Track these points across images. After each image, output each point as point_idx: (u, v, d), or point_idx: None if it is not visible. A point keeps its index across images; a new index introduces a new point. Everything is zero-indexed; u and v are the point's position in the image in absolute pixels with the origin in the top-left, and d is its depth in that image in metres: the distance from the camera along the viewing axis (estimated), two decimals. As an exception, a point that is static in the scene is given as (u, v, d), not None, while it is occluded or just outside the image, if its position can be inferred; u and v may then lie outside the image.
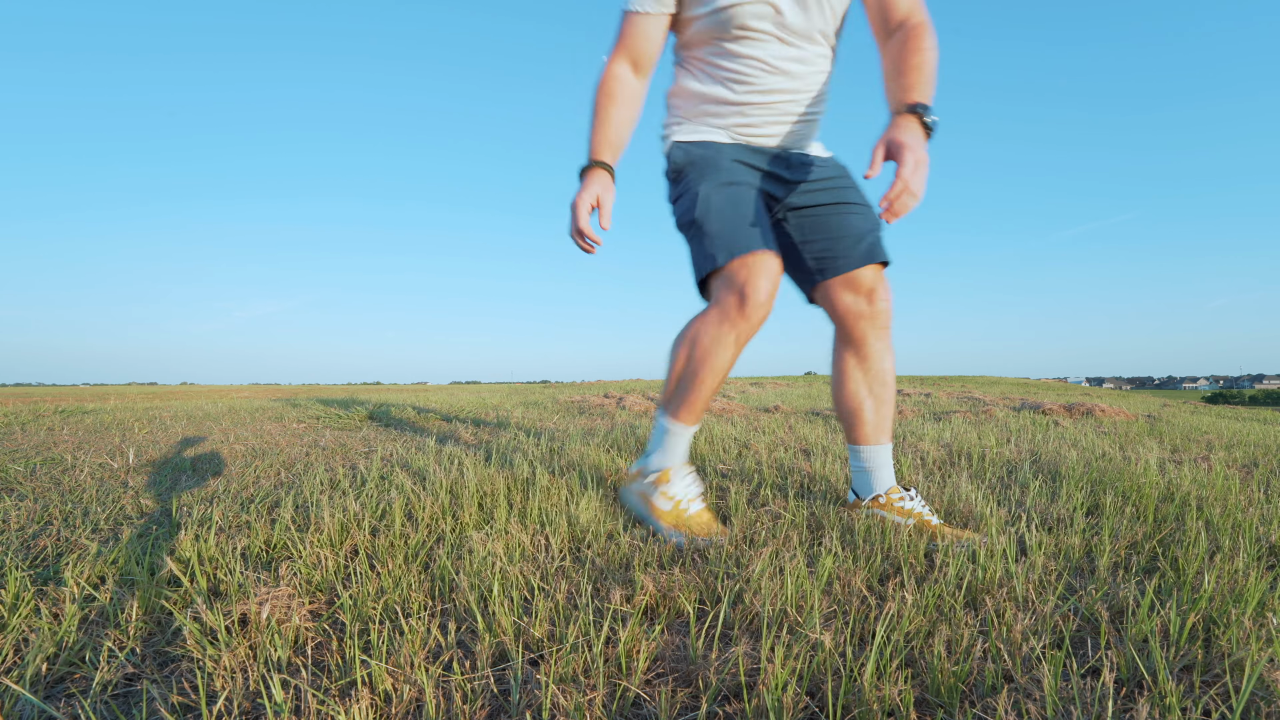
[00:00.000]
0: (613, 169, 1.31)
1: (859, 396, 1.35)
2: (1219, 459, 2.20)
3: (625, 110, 1.33)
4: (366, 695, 0.64)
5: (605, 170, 1.29)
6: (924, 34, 1.19)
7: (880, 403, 1.35)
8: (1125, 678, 0.68)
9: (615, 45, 1.35)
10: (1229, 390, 62.87)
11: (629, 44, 1.33)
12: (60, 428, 3.41)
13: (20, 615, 0.84)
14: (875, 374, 1.34)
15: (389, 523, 1.28)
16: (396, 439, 2.94)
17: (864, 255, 1.28)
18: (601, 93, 1.34)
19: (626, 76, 1.34)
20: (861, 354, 1.34)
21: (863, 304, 1.30)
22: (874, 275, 1.30)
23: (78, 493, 1.66)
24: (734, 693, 0.67)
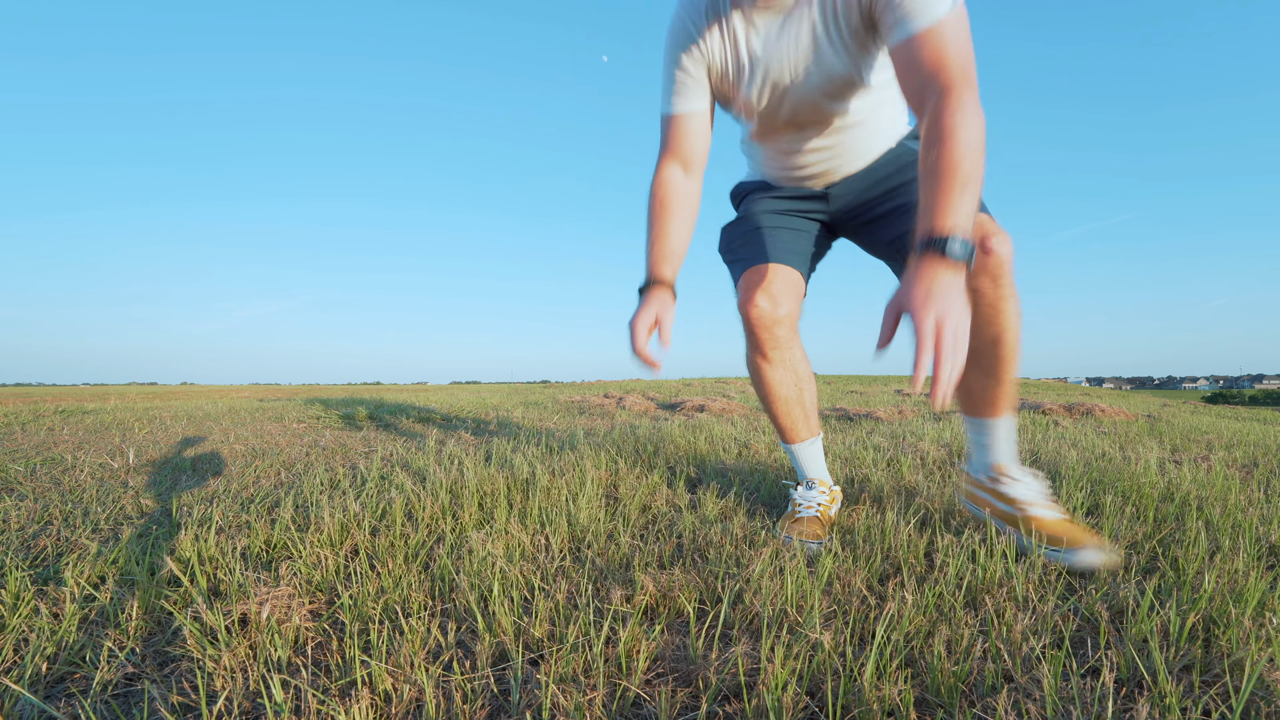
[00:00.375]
0: (673, 284, 1.21)
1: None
2: (1219, 459, 2.20)
3: (680, 217, 1.25)
4: (366, 695, 0.64)
5: (665, 288, 1.19)
6: (954, 111, 0.91)
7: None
8: (1125, 678, 0.68)
9: (661, 148, 1.29)
10: (1229, 390, 62.91)
11: (673, 145, 1.26)
12: (60, 428, 3.41)
13: (20, 615, 0.84)
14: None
15: (389, 523, 1.28)
16: (396, 439, 2.94)
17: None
18: (654, 202, 1.26)
19: (677, 179, 1.26)
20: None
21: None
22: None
23: (78, 492, 1.66)
24: (734, 693, 0.67)
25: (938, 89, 0.93)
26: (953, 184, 0.88)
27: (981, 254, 1.03)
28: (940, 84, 0.93)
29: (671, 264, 1.23)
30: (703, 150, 1.27)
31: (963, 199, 0.88)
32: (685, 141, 1.25)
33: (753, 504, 1.50)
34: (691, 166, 1.27)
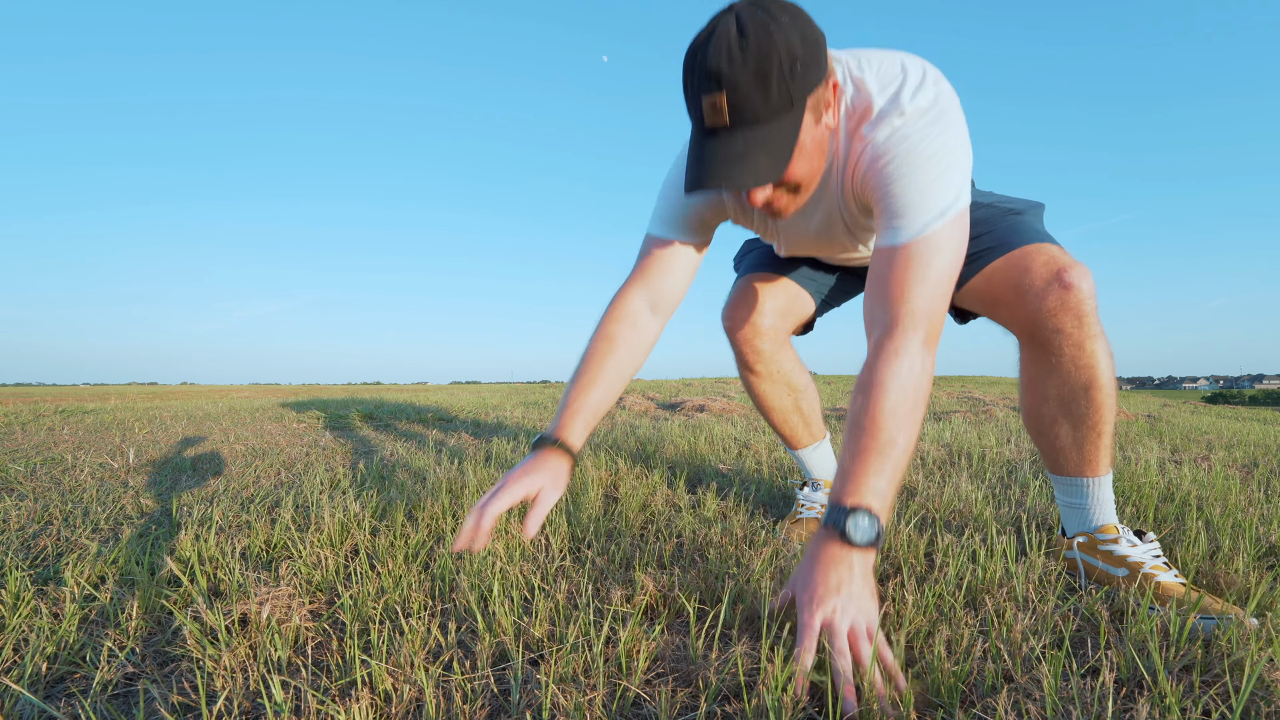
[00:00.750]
0: (575, 453, 0.93)
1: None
2: (1219, 459, 2.20)
3: (625, 363, 1.02)
4: (366, 695, 0.64)
5: (565, 456, 0.91)
6: (892, 358, 0.80)
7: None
8: (1125, 678, 0.68)
9: (634, 270, 1.08)
10: (1229, 390, 62.90)
11: (648, 272, 1.06)
12: (60, 428, 3.41)
13: (20, 615, 0.84)
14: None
15: (389, 523, 1.28)
16: (396, 439, 2.94)
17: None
18: (601, 334, 1.02)
19: (640, 314, 1.04)
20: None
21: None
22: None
23: (78, 492, 1.66)
24: (734, 693, 0.67)
25: (886, 321, 0.83)
26: (871, 447, 0.77)
27: (1060, 290, 0.92)
28: (890, 316, 0.83)
29: (588, 422, 0.97)
30: (679, 291, 1.08)
31: (881, 466, 0.76)
32: (664, 275, 1.06)
33: (753, 504, 1.50)
34: (660, 305, 1.06)
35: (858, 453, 0.78)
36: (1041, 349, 0.98)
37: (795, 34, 0.76)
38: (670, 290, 1.07)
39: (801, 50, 0.76)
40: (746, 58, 0.75)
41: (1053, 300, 0.93)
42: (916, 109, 0.84)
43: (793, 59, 0.76)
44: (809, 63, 0.78)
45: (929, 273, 0.82)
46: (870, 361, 0.83)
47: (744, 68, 0.75)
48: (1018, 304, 0.97)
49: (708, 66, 0.76)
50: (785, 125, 0.80)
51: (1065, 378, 0.97)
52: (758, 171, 0.80)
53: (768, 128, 0.79)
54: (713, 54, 0.76)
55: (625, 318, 1.03)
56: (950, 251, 0.84)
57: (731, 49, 0.75)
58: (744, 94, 0.76)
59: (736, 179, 0.79)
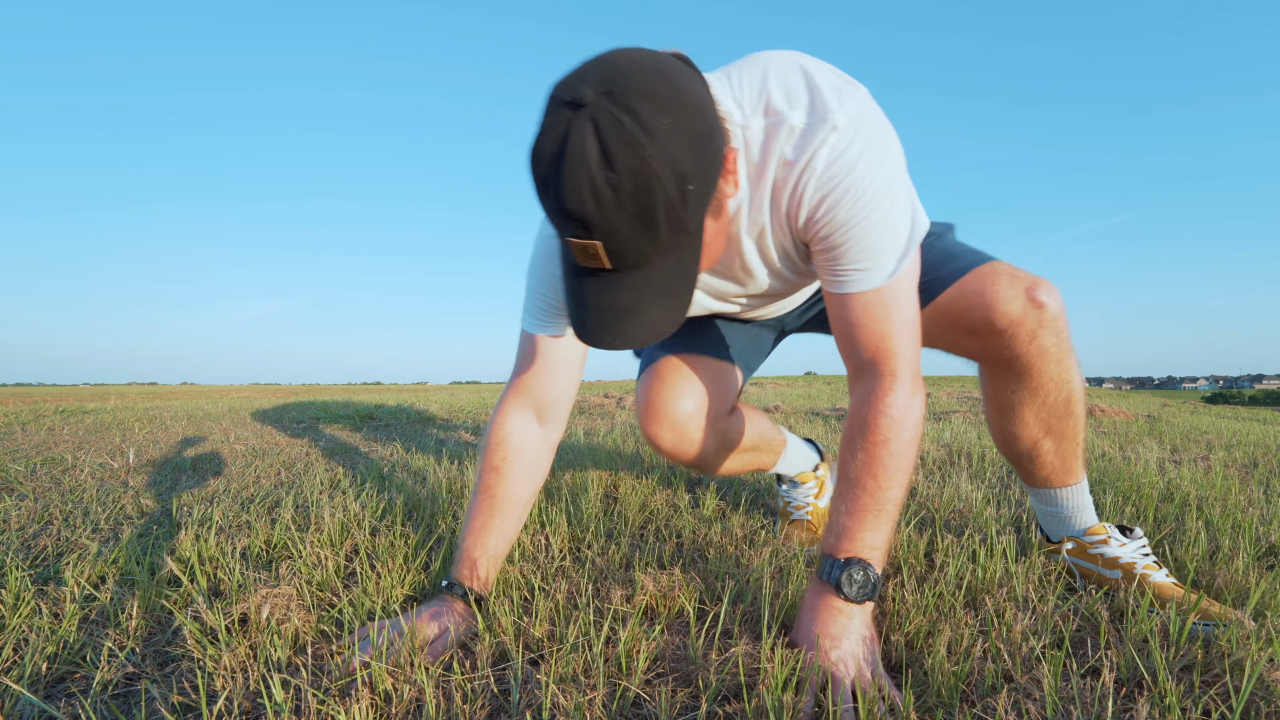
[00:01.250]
0: (476, 599, 0.85)
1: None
2: (1219, 459, 2.20)
3: (512, 493, 0.91)
4: (366, 695, 0.64)
5: (461, 602, 0.84)
6: (889, 410, 0.75)
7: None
8: (1125, 678, 0.68)
9: (511, 378, 0.95)
10: (1229, 390, 62.95)
11: (527, 380, 0.93)
12: (60, 428, 3.41)
13: (20, 615, 0.84)
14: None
15: (389, 522, 1.28)
16: (396, 439, 2.94)
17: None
18: (487, 464, 0.92)
19: (527, 431, 0.93)
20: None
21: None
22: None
23: (78, 492, 1.66)
24: (734, 693, 0.67)
25: (874, 370, 0.77)
26: (870, 506, 0.74)
27: (1036, 310, 0.86)
28: (878, 366, 0.77)
29: (489, 567, 0.87)
30: (569, 390, 0.95)
31: (879, 524, 0.74)
32: (547, 378, 0.93)
33: (752, 504, 1.50)
34: (548, 410, 0.94)
35: (855, 511, 0.75)
36: (1021, 374, 0.91)
37: (679, 144, 0.57)
38: (557, 392, 0.94)
39: (692, 163, 0.58)
40: (621, 199, 0.56)
41: (1031, 323, 0.86)
42: (849, 119, 0.70)
43: (682, 183, 0.58)
44: (703, 172, 0.60)
45: (906, 313, 0.77)
46: (864, 414, 0.76)
47: (619, 211, 0.57)
48: (990, 333, 0.89)
49: (566, 208, 0.57)
50: (684, 253, 0.64)
51: (1047, 398, 0.93)
52: (656, 325, 0.66)
53: (661, 264, 0.63)
54: (570, 192, 0.56)
55: (507, 441, 0.92)
56: (915, 285, 0.79)
57: (597, 188, 0.56)
58: (624, 239, 0.59)
59: (631, 336, 0.66)
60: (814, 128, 0.70)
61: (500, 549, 0.90)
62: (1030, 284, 0.87)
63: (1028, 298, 0.86)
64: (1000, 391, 0.96)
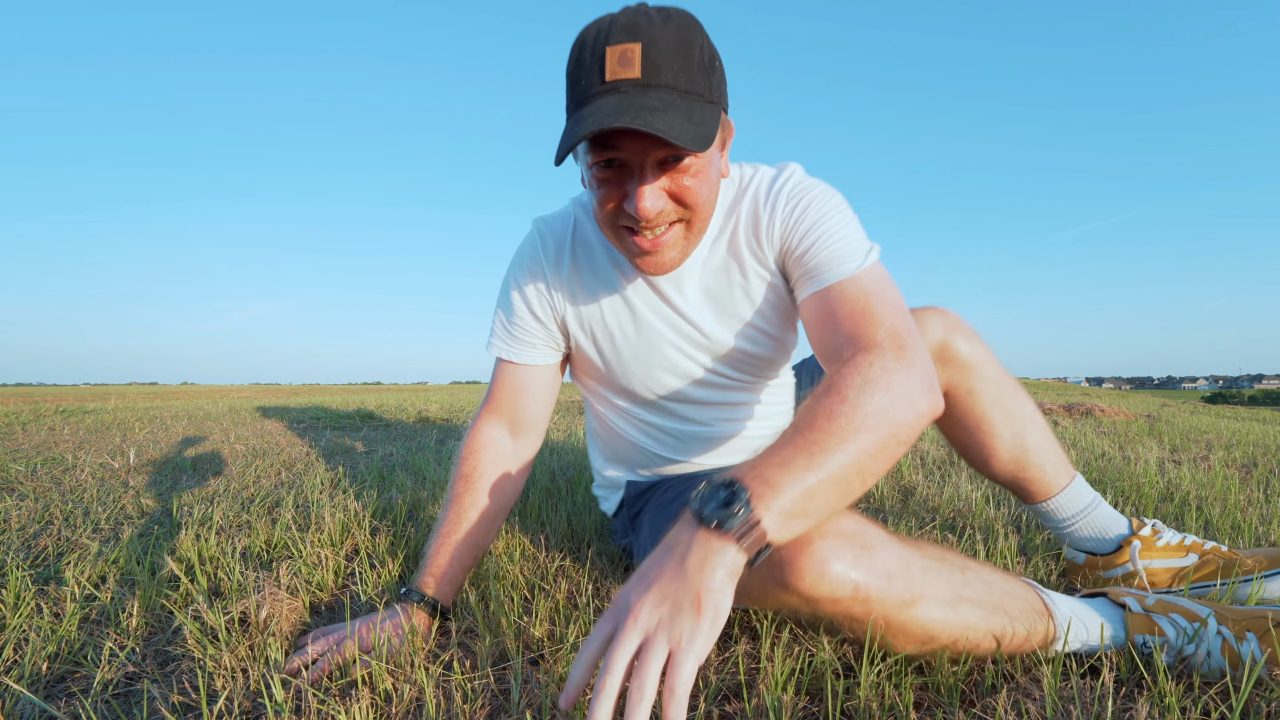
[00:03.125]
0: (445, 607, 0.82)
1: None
2: (1218, 459, 2.20)
3: (482, 502, 0.89)
4: (367, 695, 0.64)
5: (428, 614, 0.80)
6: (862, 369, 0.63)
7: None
8: (1125, 678, 0.68)
9: (486, 397, 0.97)
10: (1228, 390, 62.94)
11: (499, 400, 0.95)
12: (61, 427, 3.41)
13: (21, 615, 0.84)
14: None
15: (390, 522, 1.28)
16: (396, 439, 2.94)
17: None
18: (459, 475, 0.91)
19: (500, 444, 0.93)
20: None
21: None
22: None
23: (78, 492, 1.66)
24: (734, 692, 0.67)
25: (852, 347, 0.68)
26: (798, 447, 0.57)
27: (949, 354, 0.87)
28: (856, 342, 0.68)
29: (454, 578, 0.84)
30: (543, 410, 0.96)
31: (796, 467, 0.56)
32: (520, 398, 0.94)
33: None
34: (522, 427, 0.95)
35: (772, 449, 0.59)
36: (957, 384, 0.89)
37: (707, 38, 0.70)
38: (530, 411, 0.95)
39: (714, 54, 0.71)
40: (669, 25, 0.66)
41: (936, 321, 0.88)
42: (802, 170, 0.85)
43: (712, 55, 0.70)
44: (719, 71, 0.71)
45: (889, 295, 0.74)
46: (830, 375, 0.65)
47: (664, 30, 0.66)
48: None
49: (619, 22, 0.66)
50: (707, 111, 0.68)
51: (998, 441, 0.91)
52: (677, 125, 0.64)
53: (686, 99, 0.67)
54: (625, 14, 0.67)
55: (481, 449, 0.92)
56: (890, 280, 0.78)
57: (650, 14, 0.67)
58: (663, 51, 0.65)
59: (648, 121, 0.63)
60: (779, 172, 0.86)
61: (466, 558, 0.85)
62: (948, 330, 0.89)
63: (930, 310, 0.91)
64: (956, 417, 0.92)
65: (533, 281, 0.92)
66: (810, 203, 0.81)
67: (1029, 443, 0.92)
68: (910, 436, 0.62)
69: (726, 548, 0.52)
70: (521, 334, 0.93)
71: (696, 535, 0.53)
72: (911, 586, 0.62)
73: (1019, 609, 0.67)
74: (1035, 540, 1.16)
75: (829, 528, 0.60)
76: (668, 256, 0.78)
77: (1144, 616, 0.70)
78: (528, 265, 0.92)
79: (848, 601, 0.60)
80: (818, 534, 0.59)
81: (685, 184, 0.72)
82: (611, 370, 0.94)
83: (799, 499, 0.55)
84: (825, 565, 0.59)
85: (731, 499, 0.53)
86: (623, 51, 0.65)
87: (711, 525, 0.53)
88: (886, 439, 0.60)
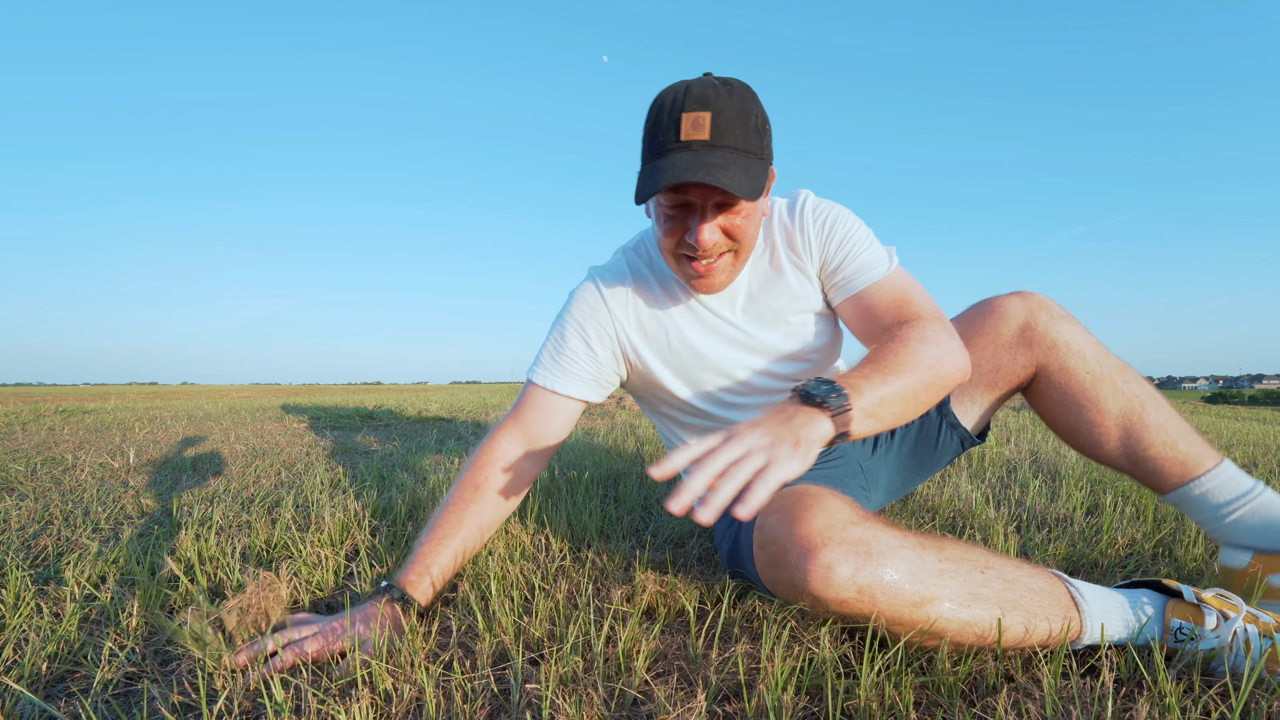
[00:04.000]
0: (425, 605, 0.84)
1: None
2: (1219, 459, 2.19)
3: (485, 515, 0.93)
4: (367, 695, 0.64)
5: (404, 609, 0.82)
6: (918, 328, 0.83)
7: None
8: (1125, 678, 0.68)
9: (511, 411, 1.02)
10: (1228, 390, 62.91)
11: (525, 417, 1.00)
12: (61, 427, 3.41)
13: (21, 615, 0.84)
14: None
15: (390, 522, 1.28)
16: (396, 439, 2.94)
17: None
18: (467, 480, 0.94)
19: (515, 459, 0.97)
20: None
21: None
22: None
23: (78, 492, 1.66)
24: (734, 692, 0.67)
25: (900, 320, 0.87)
26: (875, 364, 0.77)
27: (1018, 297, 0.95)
28: (904, 318, 0.87)
29: (435, 581, 0.86)
30: (559, 436, 1.02)
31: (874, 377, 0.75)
32: (544, 422, 1.00)
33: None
34: (537, 450, 0.99)
35: (855, 368, 0.78)
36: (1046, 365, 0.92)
37: (761, 107, 0.84)
38: (551, 435, 1.00)
39: (765, 119, 0.85)
40: (732, 96, 0.81)
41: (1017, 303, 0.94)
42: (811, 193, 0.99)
43: (764, 120, 0.85)
44: (768, 133, 0.86)
45: (920, 290, 0.92)
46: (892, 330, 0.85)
47: (729, 100, 0.80)
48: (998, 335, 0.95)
49: (693, 92, 0.81)
50: (759, 167, 0.83)
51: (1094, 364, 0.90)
52: (737, 180, 0.79)
53: (744, 157, 0.82)
54: (698, 86, 0.81)
55: (497, 462, 0.95)
56: (916, 281, 0.94)
57: (717, 87, 0.81)
58: (728, 119, 0.80)
59: (716, 176, 0.78)
60: (793, 197, 1.00)
61: (455, 565, 0.89)
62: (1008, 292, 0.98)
63: (1011, 294, 0.97)
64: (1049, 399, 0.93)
65: (594, 316, 1.01)
66: (835, 221, 0.95)
67: (1148, 419, 0.87)
68: (950, 383, 0.81)
69: (824, 419, 0.68)
70: (569, 363, 1.00)
71: (801, 407, 0.69)
72: (922, 590, 0.67)
73: (1040, 605, 0.69)
74: (1035, 540, 1.16)
75: (839, 534, 0.67)
76: (719, 280, 0.92)
77: (1193, 605, 0.70)
78: (589, 301, 1.02)
79: (853, 603, 0.67)
80: (827, 540, 0.67)
81: (737, 223, 0.86)
82: (675, 382, 1.03)
83: (876, 403, 0.73)
84: (830, 570, 0.66)
85: (832, 389, 0.70)
86: (696, 118, 0.79)
87: (816, 402, 0.69)
88: (936, 378, 0.79)
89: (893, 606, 0.66)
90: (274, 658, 0.71)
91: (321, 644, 0.74)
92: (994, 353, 0.96)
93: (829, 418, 0.68)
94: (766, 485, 0.59)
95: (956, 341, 0.84)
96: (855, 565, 0.66)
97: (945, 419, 1.03)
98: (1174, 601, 0.71)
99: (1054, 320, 0.91)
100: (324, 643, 0.74)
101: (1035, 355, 0.92)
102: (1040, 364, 0.92)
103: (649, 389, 1.07)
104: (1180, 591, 0.71)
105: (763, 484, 0.59)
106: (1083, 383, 0.90)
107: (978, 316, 0.98)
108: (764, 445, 0.63)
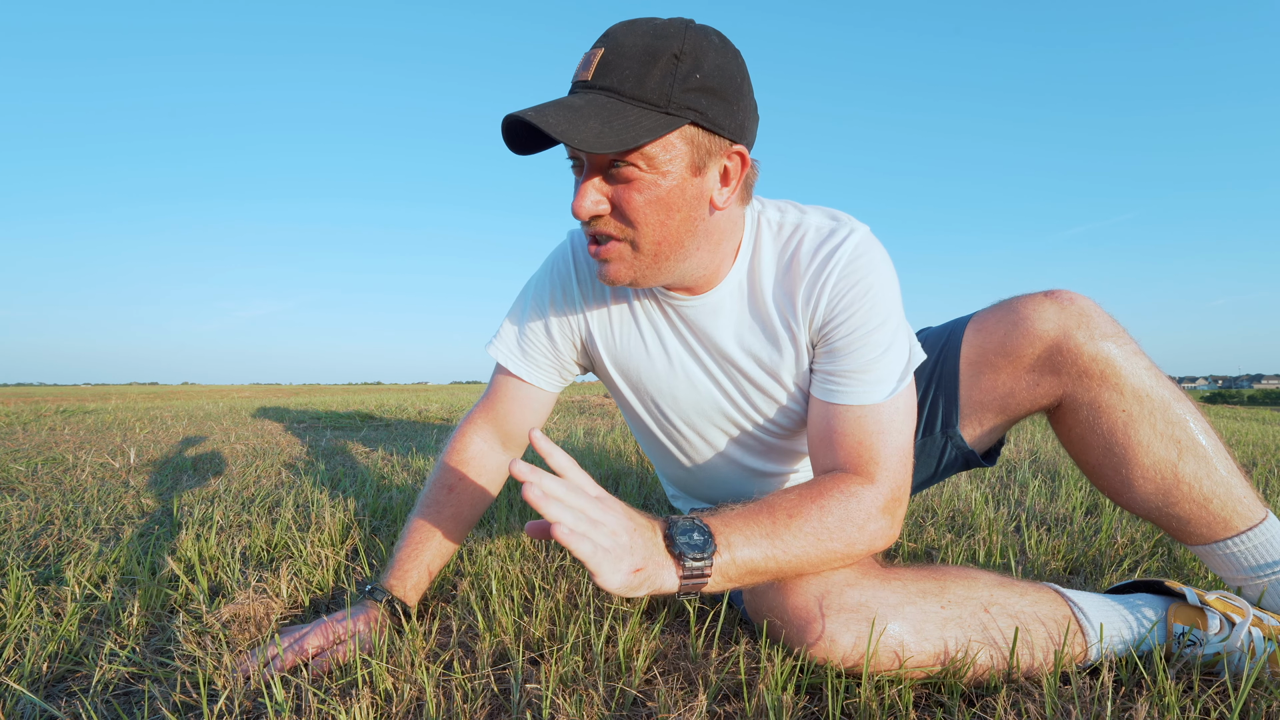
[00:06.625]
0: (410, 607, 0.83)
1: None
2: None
3: (463, 514, 0.90)
4: (367, 695, 0.64)
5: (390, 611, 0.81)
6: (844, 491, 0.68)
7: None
8: (1125, 678, 0.68)
9: (481, 400, 0.97)
10: (1228, 390, 62.86)
11: (494, 408, 0.94)
12: (62, 427, 3.41)
13: (21, 614, 0.84)
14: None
15: (390, 522, 1.28)
16: (397, 439, 2.94)
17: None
18: (438, 480, 0.91)
19: (484, 456, 0.93)
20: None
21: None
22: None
23: (79, 492, 1.67)
24: (734, 692, 0.67)
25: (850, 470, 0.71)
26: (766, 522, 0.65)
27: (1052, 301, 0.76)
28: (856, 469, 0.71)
29: (418, 584, 0.85)
30: (535, 425, 0.95)
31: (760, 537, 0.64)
32: (516, 410, 0.93)
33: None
34: (513, 439, 0.95)
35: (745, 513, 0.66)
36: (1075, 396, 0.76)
37: (714, 57, 0.66)
38: (526, 425, 0.94)
39: (710, 71, 0.65)
40: (648, 35, 0.65)
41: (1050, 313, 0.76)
42: (866, 232, 0.76)
43: (693, 67, 0.65)
44: (709, 89, 0.65)
45: (900, 439, 0.72)
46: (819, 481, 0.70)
47: (636, 38, 0.65)
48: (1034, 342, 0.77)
49: (613, 27, 0.68)
50: (645, 118, 0.65)
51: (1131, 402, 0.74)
52: (579, 129, 0.62)
53: (624, 105, 0.65)
54: (628, 22, 0.68)
55: (468, 462, 0.92)
56: (913, 414, 0.75)
57: (639, 23, 0.67)
58: (620, 56, 0.65)
59: (549, 121, 0.62)
60: (838, 229, 0.76)
61: (435, 566, 0.88)
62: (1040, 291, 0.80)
63: (1044, 296, 0.78)
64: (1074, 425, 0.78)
65: (561, 294, 0.89)
66: (859, 304, 0.74)
67: (1182, 472, 0.73)
68: (850, 563, 0.69)
69: (671, 576, 0.61)
70: (531, 350, 0.91)
71: (660, 543, 0.62)
72: (927, 646, 0.66)
73: (1046, 635, 0.67)
74: (1035, 539, 1.16)
75: (835, 601, 0.66)
76: (614, 270, 0.73)
77: (1196, 609, 0.68)
78: (557, 278, 0.89)
79: (860, 664, 0.65)
80: (825, 610, 0.66)
81: (622, 194, 0.68)
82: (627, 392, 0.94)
83: (743, 568, 0.63)
84: (833, 643, 0.65)
85: (702, 545, 0.61)
86: (589, 57, 0.67)
87: (675, 552, 0.61)
88: (833, 557, 0.67)
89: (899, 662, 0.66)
90: (274, 659, 0.71)
91: (322, 640, 0.74)
92: (1010, 376, 0.80)
93: (677, 578, 0.60)
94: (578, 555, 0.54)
95: (887, 521, 0.69)
96: (857, 634, 0.64)
97: (950, 440, 0.88)
98: (1176, 605, 0.70)
99: (1093, 340, 0.74)
100: (324, 639, 0.74)
101: (1061, 384, 0.77)
102: (1066, 394, 0.77)
103: (607, 385, 0.99)
104: (1183, 594, 0.71)
105: (577, 553, 0.54)
106: (1113, 424, 0.75)
107: (999, 326, 0.80)
108: (612, 541, 0.57)
